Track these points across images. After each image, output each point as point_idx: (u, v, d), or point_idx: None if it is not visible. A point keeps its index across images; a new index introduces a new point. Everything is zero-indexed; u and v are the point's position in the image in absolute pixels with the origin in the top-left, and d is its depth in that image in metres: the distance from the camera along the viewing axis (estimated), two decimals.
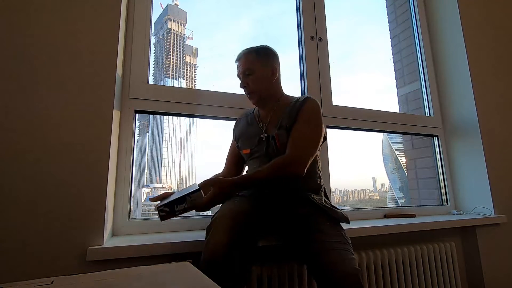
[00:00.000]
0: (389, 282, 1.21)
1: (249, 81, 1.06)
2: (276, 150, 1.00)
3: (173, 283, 0.41)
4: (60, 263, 0.84)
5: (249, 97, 1.09)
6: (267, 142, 1.03)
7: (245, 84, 1.06)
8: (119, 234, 1.05)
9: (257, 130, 1.09)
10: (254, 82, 1.06)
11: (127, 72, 1.15)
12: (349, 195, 3.12)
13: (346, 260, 0.80)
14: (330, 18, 1.63)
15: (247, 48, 1.10)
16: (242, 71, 1.06)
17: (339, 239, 0.88)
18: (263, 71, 1.06)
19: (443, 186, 1.77)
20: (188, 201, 0.87)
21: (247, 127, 1.13)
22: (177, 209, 0.87)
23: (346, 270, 0.77)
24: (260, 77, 1.06)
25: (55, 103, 0.91)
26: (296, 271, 1.04)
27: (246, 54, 1.08)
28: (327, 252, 0.82)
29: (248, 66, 1.05)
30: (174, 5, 10.08)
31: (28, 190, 0.85)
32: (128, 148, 1.10)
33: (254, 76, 1.06)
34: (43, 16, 0.95)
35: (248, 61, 1.06)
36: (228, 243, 0.79)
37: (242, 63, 1.07)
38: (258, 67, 1.06)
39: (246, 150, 1.08)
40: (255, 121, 1.12)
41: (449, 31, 1.83)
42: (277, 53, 1.13)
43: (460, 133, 1.75)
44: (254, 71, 1.05)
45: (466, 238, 1.55)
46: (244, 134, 1.12)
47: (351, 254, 0.84)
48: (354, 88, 2.05)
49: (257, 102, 1.09)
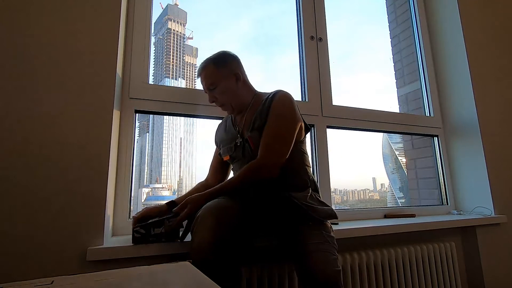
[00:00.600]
0: (389, 282, 1.21)
1: (215, 94, 1.01)
2: (251, 153, 0.97)
3: (173, 283, 0.41)
4: (60, 263, 0.84)
5: (223, 109, 1.06)
6: (242, 146, 1.00)
7: (213, 99, 1.03)
8: (119, 234, 1.05)
9: (233, 135, 1.05)
10: (221, 94, 1.01)
11: (127, 72, 1.15)
12: (349, 195, 3.12)
13: (326, 262, 0.80)
14: (330, 18, 1.63)
15: (204, 60, 1.04)
16: (206, 87, 1.02)
17: (320, 239, 0.87)
18: (226, 81, 1.01)
19: (443, 186, 1.77)
20: (166, 225, 0.86)
21: (225, 133, 1.10)
22: (153, 232, 0.87)
23: (326, 273, 0.78)
24: (225, 89, 1.01)
25: (55, 103, 0.91)
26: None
27: (204, 67, 1.02)
28: (306, 255, 0.82)
29: (209, 80, 1.00)
30: (174, 5, 10.07)
31: (28, 191, 0.85)
32: (128, 148, 1.10)
33: (219, 89, 1.00)
34: (43, 16, 0.95)
35: (208, 75, 1.01)
36: (213, 241, 0.76)
37: (203, 78, 1.02)
38: (219, 78, 1.00)
39: (226, 156, 1.06)
40: (232, 126, 1.08)
41: (449, 31, 1.83)
42: (236, 54, 1.07)
43: (460, 133, 1.75)
44: (217, 84, 1.00)
45: (466, 238, 1.55)
46: (223, 141, 1.09)
47: (332, 255, 0.84)
48: (354, 88, 2.05)
49: (233, 112, 1.06)
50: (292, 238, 0.88)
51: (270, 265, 1.02)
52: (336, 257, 0.84)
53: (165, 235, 0.89)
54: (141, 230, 0.87)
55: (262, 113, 0.97)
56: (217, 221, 0.78)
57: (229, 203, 0.86)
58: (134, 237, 0.87)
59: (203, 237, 0.76)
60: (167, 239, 0.89)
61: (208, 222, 0.78)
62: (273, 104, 0.96)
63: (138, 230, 0.87)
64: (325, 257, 0.81)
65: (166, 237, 0.89)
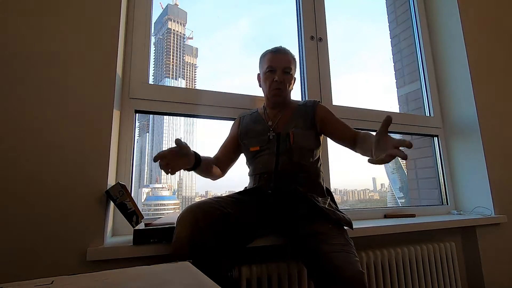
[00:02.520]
0: (389, 282, 1.21)
1: (285, 78, 1.08)
2: (289, 147, 1.02)
3: (173, 283, 0.41)
4: (60, 263, 0.84)
5: (274, 93, 1.08)
6: (277, 139, 1.04)
7: (282, 79, 1.07)
8: (119, 234, 1.05)
9: (264, 128, 1.09)
10: (288, 82, 1.09)
11: (127, 72, 1.15)
12: (349, 195, 3.11)
13: (351, 263, 0.78)
14: (330, 18, 1.63)
15: (283, 47, 1.12)
16: (283, 67, 1.07)
17: (343, 240, 0.86)
18: (293, 76, 1.13)
19: (443, 186, 1.77)
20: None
21: (253, 125, 1.12)
22: (151, 240, 0.89)
23: (351, 273, 0.75)
24: (292, 80, 1.12)
25: (55, 103, 0.91)
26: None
27: (287, 53, 1.11)
28: (330, 255, 0.79)
29: (290, 65, 1.08)
30: (174, 5, 10.07)
31: (28, 190, 0.85)
32: (128, 148, 1.10)
33: (291, 76, 1.10)
34: (43, 16, 0.95)
35: (290, 60, 1.09)
36: (189, 235, 0.77)
37: (285, 60, 1.08)
38: (293, 70, 1.11)
39: (255, 147, 1.07)
40: (261, 119, 1.12)
41: (449, 31, 1.83)
42: None
43: (460, 133, 1.75)
44: (291, 72, 1.09)
45: (466, 238, 1.55)
46: (251, 131, 1.11)
47: (355, 256, 0.82)
48: (354, 88, 2.05)
49: (280, 102, 1.11)
50: (311, 237, 0.87)
51: (270, 265, 1.02)
52: (358, 259, 0.83)
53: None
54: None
55: (306, 117, 1.08)
56: (195, 217, 0.80)
57: (211, 204, 0.86)
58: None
59: (180, 231, 0.79)
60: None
61: (187, 218, 0.81)
62: (321, 109, 1.12)
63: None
64: (350, 257, 0.80)
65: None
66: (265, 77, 1.10)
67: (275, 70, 1.07)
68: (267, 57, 1.10)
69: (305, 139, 1.04)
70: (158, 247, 0.89)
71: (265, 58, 1.11)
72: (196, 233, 0.78)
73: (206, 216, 0.81)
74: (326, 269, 0.78)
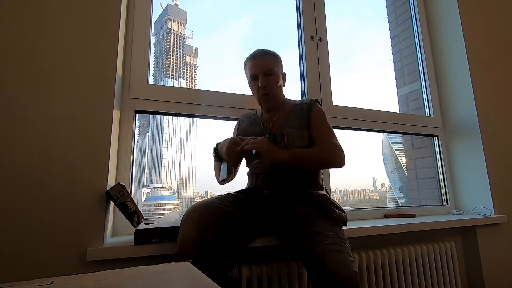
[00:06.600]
0: (389, 282, 1.21)
1: (269, 81, 1.06)
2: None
3: (173, 283, 0.41)
4: (60, 263, 0.84)
5: (264, 99, 1.08)
6: (273, 140, 1.05)
7: (265, 83, 1.05)
8: (119, 234, 1.05)
9: (261, 130, 1.10)
10: (272, 83, 1.06)
11: (127, 72, 1.15)
12: (349, 195, 3.11)
13: (345, 263, 0.79)
14: (330, 18, 1.63)
15: (261, 49, 1.11)
16: (262, 71, 1.05)
17: (337, 240, 0.87)
18: (279, 75, 1.10)
19: (443, 186, 1.77)
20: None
21: (251, 127, 1.14)
22: (153, 240, 0.90)
23: (346, 274, 0.76)
24: (277, 80, 1.08)
25: (55, 103, 0.91)
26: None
27: (265, 54, 1.08)
28: (325, 256, 0.80)
29: (270, 66, 1.06)
30: (174, 5, 10.06)
31: (28, 190, 0.85)
32: (128, 148, 1.10)
33: (274, 77, 1.07)
34: (43, 16, 0.95)
35: (269, 61, 1.07)
36: (196, 235, 0.77)
37: (263, 63, 1.06)
38: (276, 69, 1.08)
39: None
40: (258, 122, 1.13)
41: (449, 31, 1.83)
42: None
43: (460, 133, 1.75)
44: (274, 73, 1.07)
45: (466, 238, 1.55)
46: (248, 133, 1.12)
47: (350, 256, 0.83)
48: (354, 88, 2.05)
49: (273, 105, 1.10)
50: (307, 238, 0.87)
51: (270, 265, 1.02)
52: (353, 259, 0.83)
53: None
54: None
55: (302, 116, 1.06)
56: (201, 217, 0.80)
57: (216, 204, 0.87)
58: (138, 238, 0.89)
59: (187, 231, 0.79)
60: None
61: (193, 218, 0.81)
62: (316, 109, 1.09)
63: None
64: (344, 257, 0.80)
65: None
66: (251, 86, 1.12)
67: (257, 77, 1.07)
68: (248, 65, 1.11)
69: (300, 139, 1.04)
70: (159, 247, 0.89)
71: (246, 67, 1.12)
72: (203, 233, 0.78)
73: (212, 216, 0.82)
74: (321, 269, 0.79)
